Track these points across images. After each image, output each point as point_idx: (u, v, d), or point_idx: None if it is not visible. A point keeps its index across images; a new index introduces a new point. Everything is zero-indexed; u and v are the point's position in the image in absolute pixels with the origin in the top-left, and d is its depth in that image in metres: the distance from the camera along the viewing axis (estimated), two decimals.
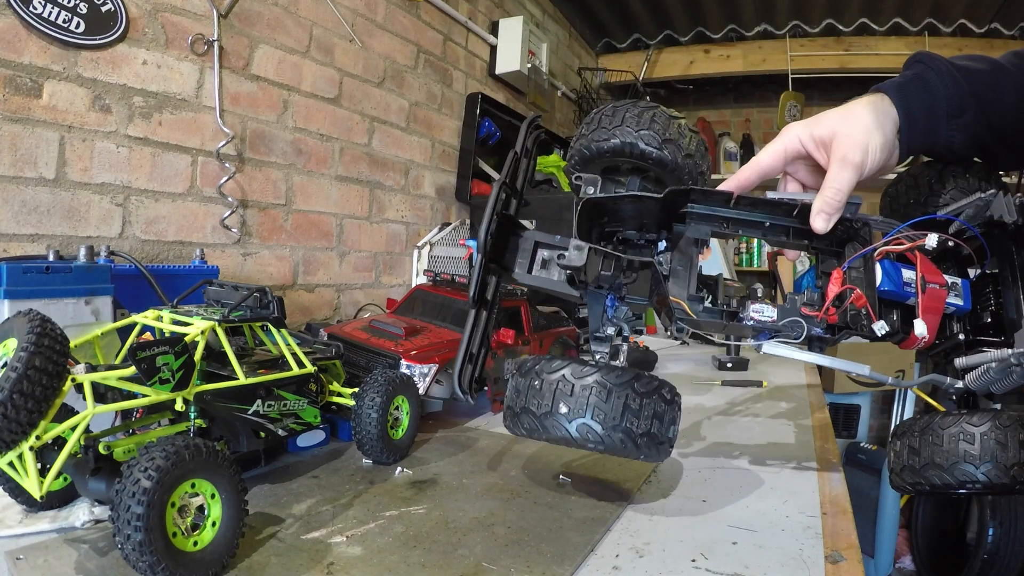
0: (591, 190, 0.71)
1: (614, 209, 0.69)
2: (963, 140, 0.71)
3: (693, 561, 0.62)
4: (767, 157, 0.72)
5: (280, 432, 0.79)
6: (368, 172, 1.86)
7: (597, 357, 0.71)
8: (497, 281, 0.70)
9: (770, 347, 0.63)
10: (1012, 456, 0.57)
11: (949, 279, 0.64)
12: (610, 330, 0.71)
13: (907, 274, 0.63)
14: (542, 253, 0.68)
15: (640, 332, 0.76)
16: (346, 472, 0.85)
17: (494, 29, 2.49)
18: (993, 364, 0.59)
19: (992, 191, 0.64)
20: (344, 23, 1.73)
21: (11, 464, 0.58)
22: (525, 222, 0.71)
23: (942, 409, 0.67)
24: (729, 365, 1.72)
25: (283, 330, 0.82)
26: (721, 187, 0.68)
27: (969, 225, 0.63)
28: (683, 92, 3.94)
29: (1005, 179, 0.83)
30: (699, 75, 3.60)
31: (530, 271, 0.68)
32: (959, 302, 0.64)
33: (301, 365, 0.81)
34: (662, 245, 0.70)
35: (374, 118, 1.88)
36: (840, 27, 3.24)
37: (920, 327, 0.61)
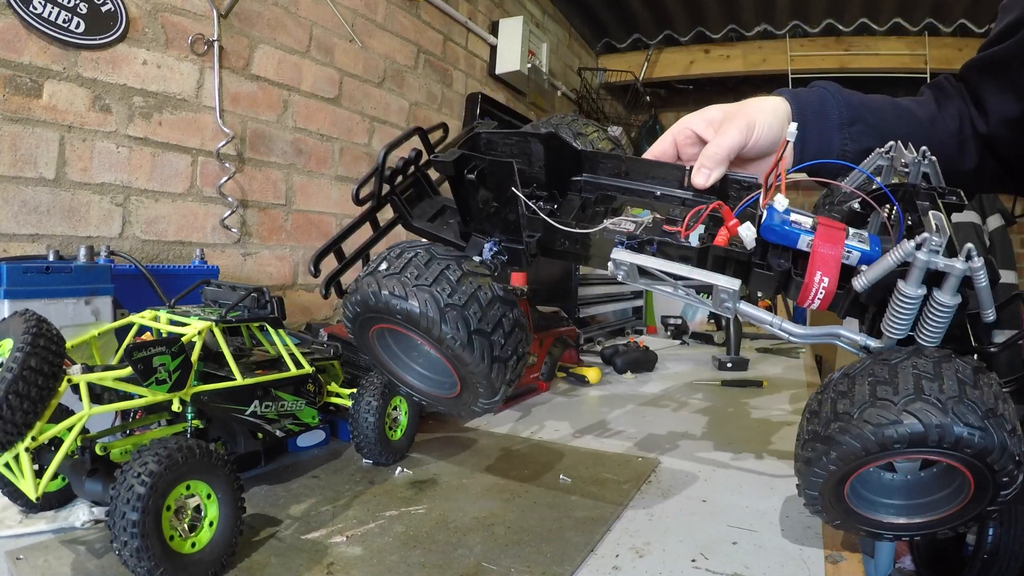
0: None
1: (503, 151, 0.67)
2: (856, 150, 0.71)
3: (693, 561, 0.62)
4: (656, 145, 0.72)
5: (278, 433, 0.79)
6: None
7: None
8: (397, 215, 0.70)
9: (619, 253, 0.58)
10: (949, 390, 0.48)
11: (853, 229, 0.56)
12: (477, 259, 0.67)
13: (798, 218, 0.55)
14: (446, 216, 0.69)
15: (640, 332, 0.76)
16: (346, 472, 0.85)
17: (494, 29, 2.49)
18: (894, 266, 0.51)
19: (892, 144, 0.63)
20: (344, 23, 1.73)
21: (7, 466, 0.57)
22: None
23: None
24: (729, 365, 1.72)
25: (281, 330, 0.82)
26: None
27: (872, 176, 0.62)
28: (683, 92, 3.93)
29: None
30: (699, 75, 3.59)
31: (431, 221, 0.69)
32: (863, 246, 0.54)
33: (299, 366, 0.81)
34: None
35: (374, 118, 1.88)
36: (840, 27, 3.23)
37: (813, 269, 0.53)
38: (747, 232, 0.55)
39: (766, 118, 0.68)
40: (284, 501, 0.74)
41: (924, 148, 0.61)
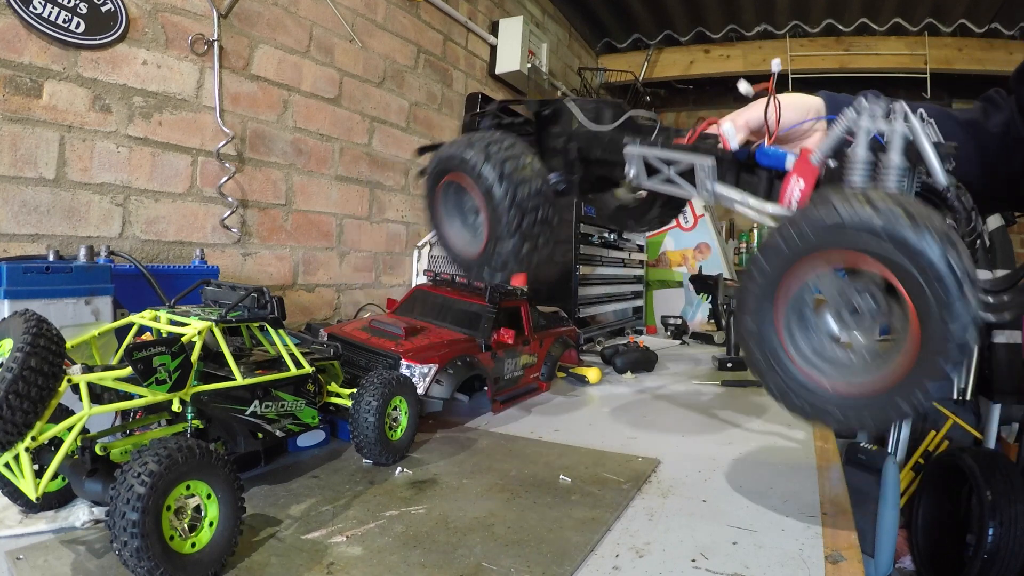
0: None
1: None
2: None
3: (693, 561, 0.62)
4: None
5: (278, 433, 0.79)
6: (368, 172, 1.86)
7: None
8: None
9: (632, 148, 0.74)
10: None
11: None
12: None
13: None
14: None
15: (640, 332, 0.78)
16: (346, 472, 0.85)
17: (494, 29, 2.49)
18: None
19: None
20: (344, 23, 1.73)
21: (7, 466, 0.57)
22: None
23: (942, 408, 0.67)
24: (729, 365, 1.72)
25: (281, 330, 0.82)
26: None
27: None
28: (683, 92, 3.93)
29: None
30: (699, 75, 3.59)
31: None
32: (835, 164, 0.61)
33: (299, 366, 0.81)
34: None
35: (374, 118, 1.88)
36: (840, 27, 3.23)
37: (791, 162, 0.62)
38: (728, 127, 0.69)
39: (791, 102, 0.74)
40: (284, 501, 0.74)
41: (921, 110, 0.60)
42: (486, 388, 1.18)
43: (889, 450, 2.80)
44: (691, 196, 0.71)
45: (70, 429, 0.58)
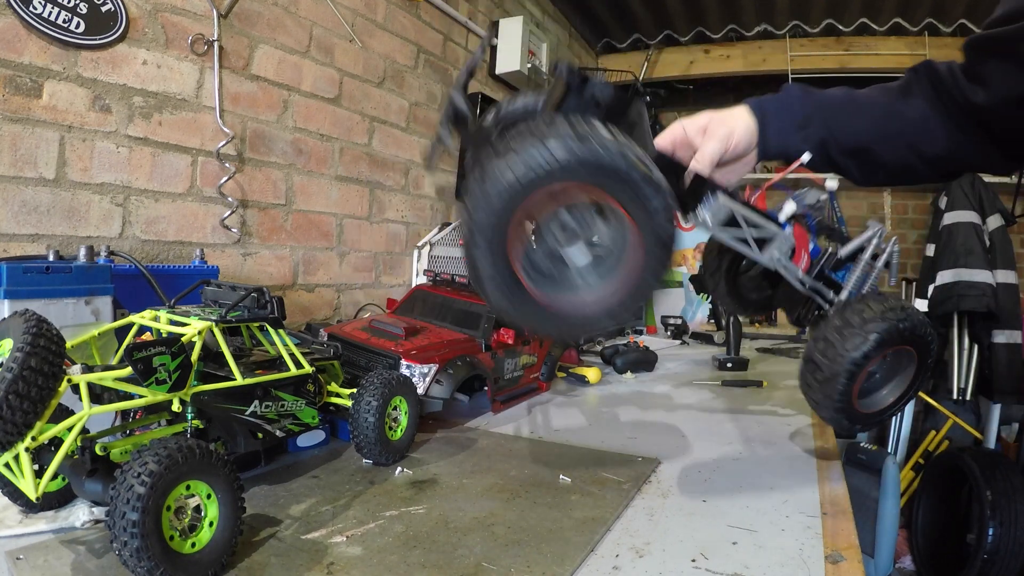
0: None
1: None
2: (814, 146, 0.82)
3: (693, 561, 0.62)
4: (658, 140, 0.82)
5: (278, 433, 0.79)
6: (368, 172, 1.86)
7: None
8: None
9: (723, 198, 0.75)
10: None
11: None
12: None
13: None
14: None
15: (640, 332, 0.78)
16: (346, 472, 0.85)
17: (494, 29, 2.49)
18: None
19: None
20: (344, 23, 1.73)
21: (7, 466, 0.57)
22: None
23: (942, 408, 0.73)
24: (729, 365, 1.72)
25: (281, 330, 0.82)
26: None
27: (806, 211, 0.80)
28: (683, 92, 3.93)
29: (1005, 179, 0.88)
30: (699, 75, 3.59)
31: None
32: (814, 244, 0.81)
33: (299, 366, 0.81)
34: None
35: (374, 118, 1.88)
36: (840, 27, 3.23)
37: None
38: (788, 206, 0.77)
39: (740, 128, 0.80)
40: (284, 501, 0.74)
41: (823, 197, 0.82)
42: (486, 388, 1.18)
43: (889, 450, 2.80)
44: (760, 261, 0.78)
45: (70, 429, 0.58)
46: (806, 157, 0.81)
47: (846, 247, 0.83)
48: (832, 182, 0.92)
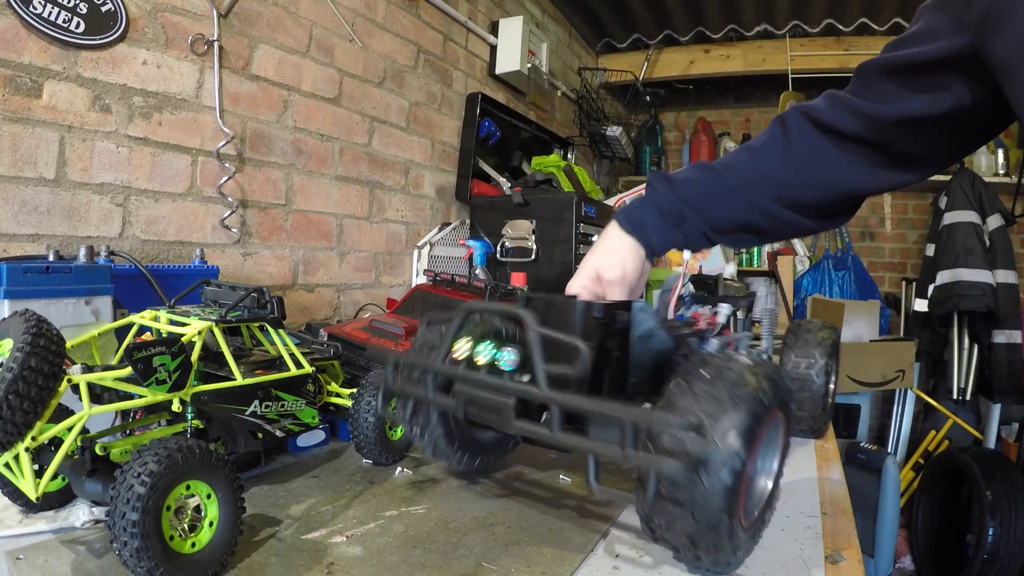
0: None
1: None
2: (697, 237, 0.84)
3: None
4: (569, 287, 0.85)
5: (278, 433, 0.79)
6: (368, 172, 1.86)
7: None
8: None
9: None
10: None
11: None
12: None
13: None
14: None
15: None
16: (346, 472, 0.85)
17: (494, 29, 2.49)
18: None
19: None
20: (344, 23, 1.73)
21: (7, 466, 0.57)
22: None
23: (942, 408, 0.70)
24: None
25: (281, 330, 0.82)
26: None
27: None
28: (683, 92, 3.93)
29: (1005, 179, 0.86)
30: (699, 75, 3.59)
31: None
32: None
33: (299, 366, 0.81)
34: None
35: (374, 118, 1.88)
36: (840, 27, 3.23)
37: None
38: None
39: (629, 263, 0.83)
40: (284, 501, 0.74)
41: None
42: None
43: (889, 450, 2.80)
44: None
45: (70, 429, 0.58)
46: (687, 255, 0.85)
47: None
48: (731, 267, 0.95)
